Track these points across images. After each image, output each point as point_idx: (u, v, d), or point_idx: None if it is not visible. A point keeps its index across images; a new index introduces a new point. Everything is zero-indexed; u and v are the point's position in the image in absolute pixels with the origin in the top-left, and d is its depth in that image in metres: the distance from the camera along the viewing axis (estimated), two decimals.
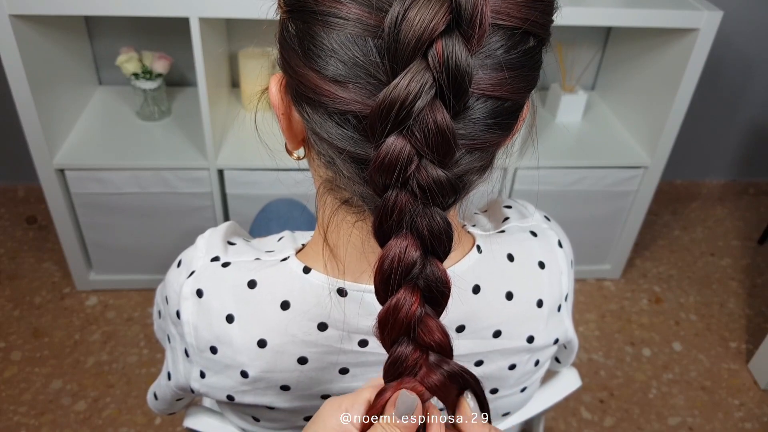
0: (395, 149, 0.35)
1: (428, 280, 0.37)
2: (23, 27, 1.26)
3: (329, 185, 0.47)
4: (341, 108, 0.38)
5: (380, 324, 0.38)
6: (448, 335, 0.38)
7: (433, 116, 0.34)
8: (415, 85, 0.34)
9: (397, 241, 0.37)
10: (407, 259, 0.36)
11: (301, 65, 0.40)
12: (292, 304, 0.53)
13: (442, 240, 0.37)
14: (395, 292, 0.37)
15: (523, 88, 0.41)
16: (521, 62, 0.39)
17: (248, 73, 1.61)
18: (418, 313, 0.37)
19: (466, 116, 0.39)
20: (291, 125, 0.46)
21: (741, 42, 1.92)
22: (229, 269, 0.55)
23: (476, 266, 0.55)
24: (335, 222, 0.49)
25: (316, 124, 0.41)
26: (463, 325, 0.55)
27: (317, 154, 0.44)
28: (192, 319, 0.55)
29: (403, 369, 0.38)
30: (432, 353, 0.38)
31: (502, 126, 0.41)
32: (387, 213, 0.37)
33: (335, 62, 0.38)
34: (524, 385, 0.65)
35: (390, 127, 0.35)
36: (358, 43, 0.37)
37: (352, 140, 0.39)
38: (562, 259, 0.61)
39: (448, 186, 0.37)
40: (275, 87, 0.45)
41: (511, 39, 0.38)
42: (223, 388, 0.57)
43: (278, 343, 0.53)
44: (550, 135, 1.68)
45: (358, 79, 0.38)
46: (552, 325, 0.60)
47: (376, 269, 0.37)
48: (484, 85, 0.38)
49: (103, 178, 1.48)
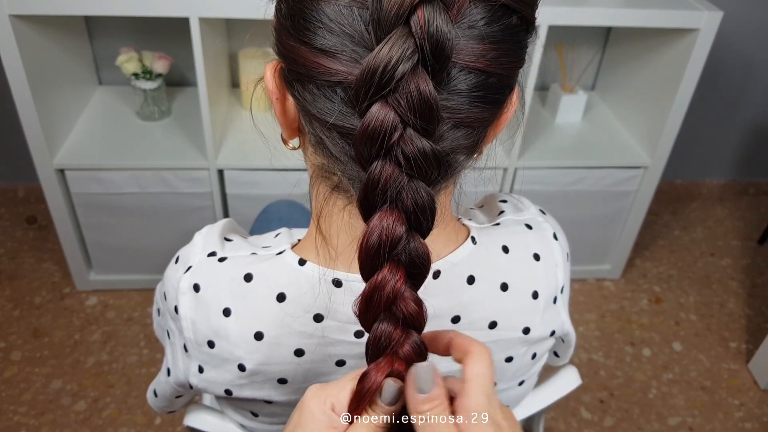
0: (379, 116, 0.36)
1: (411, 255, 0.37)
2: (23, 27, 1.26)
3: (320, 172, 0.47)
4: (329, 79, 0.39)
5: (364, 301, 0.38)
6: (422, 305, 0.38)
7: (415, 82, 0.35)
8: (397, 51, 0.35)
9: (382, 215, 0.37)
10: (394, 234, 0.37)
11: (291, 40, 0.41)
12: (287, 296, 0.53)
13: (426, 215, 0.37)
14: (381, 267, 0.37)
15: (507, 63, 0.41)
16: (503, 36, 0.40)
17: (248, 73, 1.61)
18: (402, 289, 0.37)
19: (450, 87, 0.39)
20: (285, 110, 0.47)
21: (741, 42, 1.93)
22: (226, 264, 0.55)
23: (471, 257, 0.55)
24: (327, 210, 0.49)
25: (307, 102, 0.42)
26: (458, 315, 0.56)
27: (308, 137, 0.45)
28: (190, 314, 0.55)
29: (387, 346, 0.38)
30: (412, 331, 0.38)
31: (487, 100, 0.41)
32: (372, 184, 0.37)
33: (323, 33, 0.39)
34: (522, 379, 0.65)
35: (373, 93, 0.36)
36: (345, 13, 0.38)
37: (341, 113, 0.40)
38: (558, 252, 0.61)
39: (432, 157, 0.37)
40: (270, 73, 0.46)
41: (493, 12, 0.39)
42: (221, 382, 0.57)
43: (275, 335, 0.54)
44: (550, 135, 1.68)
45: (344, 48, 0.39)
46: (548, 317, 0.60)
47: (361, 244, 0.37)
48: (467, 56, 0.39)
49: (103, 178, 1.48)
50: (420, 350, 0.39)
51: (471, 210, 0.66)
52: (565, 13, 1.32)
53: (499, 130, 0.47)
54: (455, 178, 0.49)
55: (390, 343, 0.38)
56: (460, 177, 0.48)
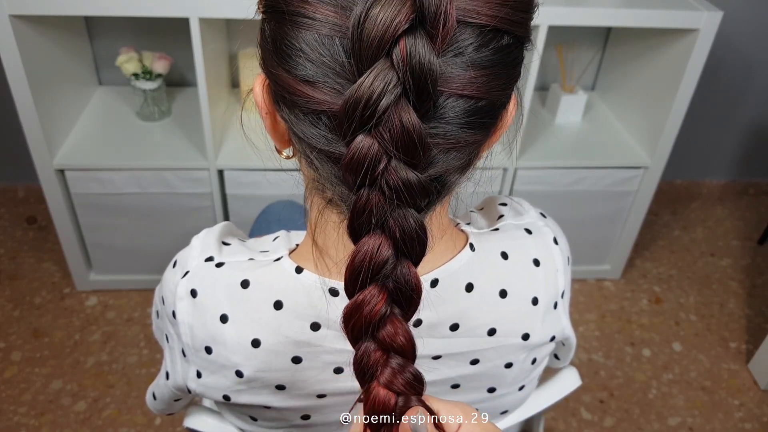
0: (363, 148, 0.35)
1: (398, 282, 0.37)
2: (23, 27, 1.26)
3: (315, 185, 0.47)
4: (313, 108, 0.39)
5: (345, 318, 0.38)
6: (412, 341, 0.38)
7: (398, 115, 0.34)
8: (379, 84, 0.34)
9: (370, 238, 0.37)
10: (378, 257, 0.36)
11: (274, 65, 0.40)
12: (284, 304, 0.53)
13: (414, 242, 0.37)
14: (363, 288, 0.37)
15: (497, 87, 0.40)
16: (494, 60, 0.39)
17: (248, 73, 1.61)
18: (381, 312, 0.37)
19: (438, 115, 0.38)
20: (275, 125, 0.46)
21: (741, 42, 1.92)
22: (223, 269, 0.55)
23: (469, 264, 0.55)
24: (323, 222, 0.49)
25: (293, 124, 0.41)
26: (456, 323, 0.55)
27: (300, 153, 0.45)
28: (187, 319, 0.55)
29: (366, 367, 0.38)
30: (395, 356, 0.38)
31: (477, 126, 0.41)
32: (359, 211, 0.37)
33: (304, 62, 0.38)
34: (522, 384, 0.65)
35: (356, 126, 0.35)
36: (326, 42, 0.37)
37: (326, 139, 0.40)
38: (558, 256, 0.60)
39: (418, 187, 0.36)
40: (259, 88, 0.45)
41: (482, 37, 0.38)
42: (219, 388, 0.57)
43: (272, 342, 0.53)
44: (550, 135, 1.68)
45: (326, 78, 0.38)
46: (548, 322, 0.60)
47: (348, 265, 0.37)
48: (455, 84, 0.38)
49: (103, 179, 1.48)
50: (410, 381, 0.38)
51: (470, 213, 0.66)
52: (565, 13, 1.32)
53: (493, 144, 0.46)
54: (450, 194, 0.48)
55: (369, 364, 0.38)
56: (455, 190, 0.48)
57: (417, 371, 0.39)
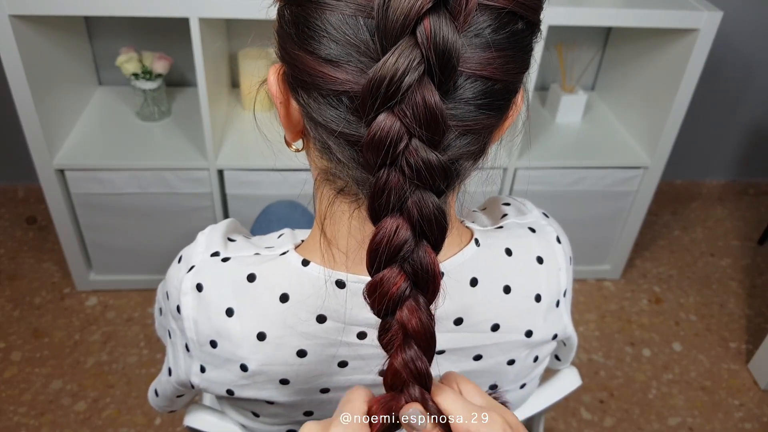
0: (385, 126, 0.36)
1: (415, 265, 0.37)
2: (23, 27, 1.26)
3: (325, 175, 0.47)
4: (335, 88, 0.39)
5: (368, 292, 0.38)
6: (426, 327, 0.38)
7: (421, 93, 0.35)
8: (404, 61, 0.34)
9: (389, 220, 0.37)
10: (397, 238, 0.37)
11: (296, 48, 0.41)
12: (290, 297, 0.53)
13: (432, 225, 0.37)
14: (381, 269, 0.38)
15: (513, 69, 0.41)
16: (510, 43, 0.40)
17: (248, 73, 1.61)
18: (399, 291, 0.37)
19: (456, 96, 0.39)
20: (289, 114, 0.46)
21: (741, 42, 1.93)
22: (229, 264, 0.55)
23: (473, 259, 0.55)
24: (332, 213, 0.49)
25: (311, 109, 0.42)
26: (460, 317, 0.56)
27: (314, 142, 0.45)
28: (192, 314, 0.55)
29: (387, 343, 0.39)
30: (411, 342, 0.38)
31: (493, 107, 0.41)
32: (379, 192, 0.37)
33: (328, 42, 0.39)
34: (523, 382, 0.65)
35: (379, 104, 0.36)
36: (350, 22, 0.38)
37: (346, 122, 0.40)
38: (561, 255, 0.61)
39: (438, 168, 0.37)
40: (273, 77, 0.46)
41: (499, 19, 0.39)
42: (223, 382, 0.57)
43: (277, 335, 0.54)
44: (550, 135, 1.68)
45: (350, 58, 0.38)
46: (550, 320, 0.60)
47: (369, 246, 0.38)
48: (473, 65, 0.39)
49: (103, 179, 1.48)
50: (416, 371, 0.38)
51: (474, 213, 0.66)
52: (565, 13, 1.32)
53: (503, 132, 0.47)
54: (462, 183, 0.49)
55: (387, 339, 0.39)
56: (465, 180, 0.49)
57: (426, 367, 0.39)
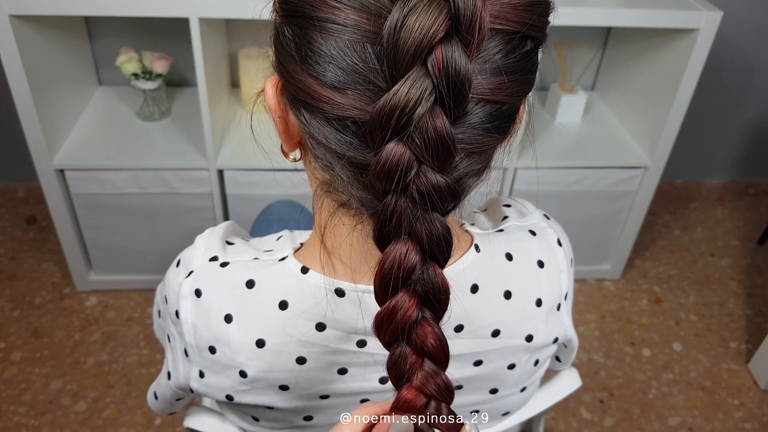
0: (395, 155, 0.35)
1: (426, 285, 0.37)
2: (23, 27, 1.26)
3: (326, 187, 0.47)
4: (340, 114, 0.38)
5: (377, 324, 0.38)
6: (443, 343, 0.38)
7: (432, 123, 0.34)
8: (415, 92, 0.34)
9: (397, 245, 0.37)
10: (407, 263, 0.37)
11: (298, 71, 0.40)
12: (290, 304, 0.53)
13: (441, 246, 0.37)
14: (394, 295, 0.37)
15: (521, 91, 0.41)
16: (519, 66, 0.39)
17: (248, 73, 1.61)
18: (414, 317, 0.37)
19: (465, 121, 0.39)
20: (287, 128, 0.46)
21: (741, 42, 1.92)
22: (228, 269, 0.55)
23: (474, 265, 0.55)
24: (333, 224, 0.49)
25: (313, 129, 0.41)
26: (461, 324, 0.55)
27: (314, 157, 0.44)
28: (191, 319, 0.55)
29: (402, 371, 0.38)
30: (427, 360, 0.38)
31: (499, 129, 0.41)
32: (387, 218, 0.37)
33: (334, 69, 0.38)
34: (524, 385, 0.65)
35: (390, 134, 0.35)
36: (357, 49, 0.37)
37: (351, 146, 0.39)
38: (562, 258, 0.60)
39: (447, 192, 0.37)
40: (271, 90, 0.45)
41: (510, 43, 0.38)
42: (222, 388, 0.57)
43: (276, 343, 0.53)
44: (550, 135, 1.68)
45: (357, 85, 0.37)
46: (551, 324, 0.60)
47: (377, 272, 0.37)
48: (483, 90, 0.38)
49: (103, 179, 1.48)
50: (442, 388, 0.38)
51: (474, 214, 0.66)
52: (565, 13, 1.32)
53: (505, 144, 0.47)
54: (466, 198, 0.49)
55: (405, 368, 0.38)
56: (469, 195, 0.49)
57: (448, 380, 0.39)
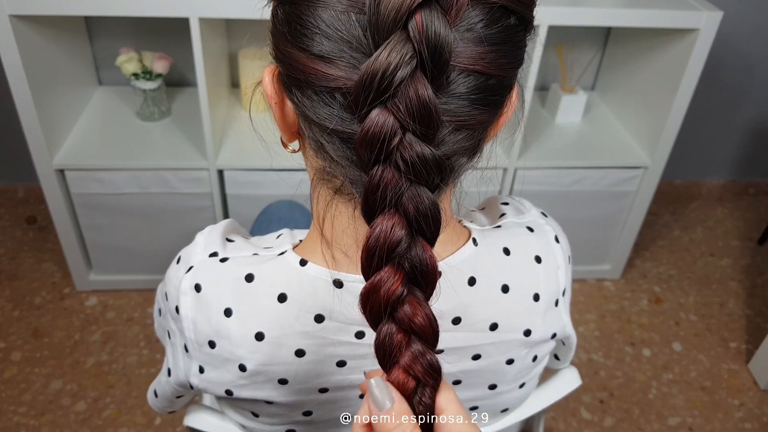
0: (379, 121, 0.36)
1: (413, 261, 0.37)
2: (23, 27, 1.26)
3: (321, 175, 0.47)
4: (327, 85, 0.39)
5: (362, 301, 0.38)
6: (432, 321, 0.38)
7: (414, 87, 0.35)
8: (396, 56, 0.34)
9: (383, 218, 0.37)
10: (392, 237, 0.36)
11: (289, 46, 0.41)
12: (289, 297, 0.53)
13: (428, 219, 0.37)
14: (378, 269, 0.37)
15: (506, 64, 0.41)
16: (502, 38, 0.40)
17: (248, 73, 1.61)
18: (398, 292, 0.37)
19: (449, 91, 0.39)
20: (284, 114, 0.47)
21: (741, 42, 1.93)
22: (227, 264, 0.55)
23: (472, 258, 0.55)
24: (330, 213, 0.49)
25: (305, 107, 0.42)
26: (458, 317, 0.56)
27: (309, 142, 0.45)
28: (191, 314, 0.55)
29: (389, 350, 0.37)
30: (416, 339, 0.38)
31: (487, 102, 0.41)
32: (373, 189, 0.37)
33: (320, 39, 0.39)
34: (522, 381, 0.65)
35: (372, 99, 0.36)
36: (342, 18, 0.38)
37: (340, 119, 0.40)
38: (559, 255, 0.61)
39: (433, 163, 0.37)
40: (268, 78, 0.46)
41: (491, 14, 0.39)
42: (222, 382, 0.57)
43: (276, 335, 0.54)
44: (550, 135, 1.68)
45: (342, 54, 0.39)
46: (549, 319, 0.60)
47: (363, 246, 0.37)
48: (466, 59, 0.39)
49: (103, 179, 1.48)
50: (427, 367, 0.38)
51: (472, 212, 0.66)
52: (565, 13, 1.32)
53: (498, 129, 0.47)
54: (457, 180, 0.48)
55: (391, 347, 0.37)
56: (460, 178, 0.49)
57: (435, 359, 0.38)
